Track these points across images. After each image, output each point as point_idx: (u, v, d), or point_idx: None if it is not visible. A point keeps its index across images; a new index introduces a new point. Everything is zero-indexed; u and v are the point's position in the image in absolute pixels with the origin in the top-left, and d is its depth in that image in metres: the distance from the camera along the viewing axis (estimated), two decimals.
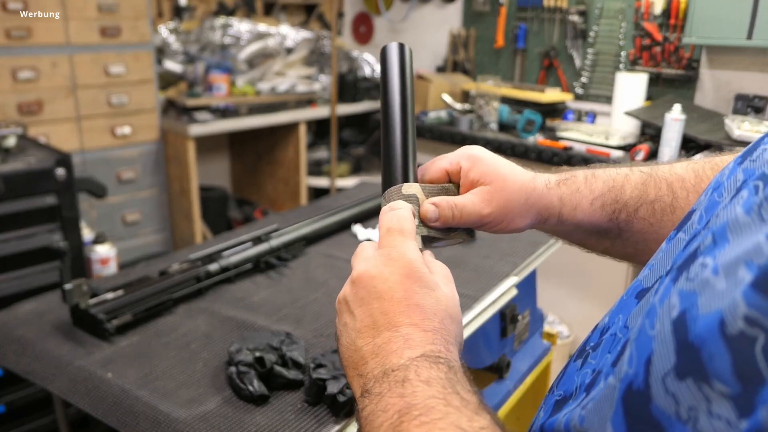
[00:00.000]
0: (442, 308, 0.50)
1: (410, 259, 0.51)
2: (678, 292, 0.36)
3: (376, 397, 0.44)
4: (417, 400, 0.41)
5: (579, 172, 0.62)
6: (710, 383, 0.31)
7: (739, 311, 0.30)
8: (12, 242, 1.71)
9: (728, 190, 0.42)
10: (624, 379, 0.38)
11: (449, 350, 0.47)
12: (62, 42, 2.40)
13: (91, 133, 2.56)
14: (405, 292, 0.49)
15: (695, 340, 0.33)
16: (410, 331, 0.47)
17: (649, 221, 0.60)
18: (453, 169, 0.60)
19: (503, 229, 0.60)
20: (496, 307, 1.20)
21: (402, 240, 0.53)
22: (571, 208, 0.60)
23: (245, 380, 0.86)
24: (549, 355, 1.65)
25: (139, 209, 2.78)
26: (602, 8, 2.76)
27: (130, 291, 1.09)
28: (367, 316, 0.49)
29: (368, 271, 0.51)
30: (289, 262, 1.31)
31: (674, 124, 2.23)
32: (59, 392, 0.92)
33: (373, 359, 0.47)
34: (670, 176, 0.61)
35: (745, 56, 2.40)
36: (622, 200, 0.60)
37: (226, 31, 3.01)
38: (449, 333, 0.49)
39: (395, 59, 0.60)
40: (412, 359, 0.45)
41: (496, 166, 0.59)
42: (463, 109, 2.88)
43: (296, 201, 3.30)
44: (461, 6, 3.29)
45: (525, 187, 0.59)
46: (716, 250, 0.36)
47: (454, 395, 0.42)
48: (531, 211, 0.59)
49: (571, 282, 2.57)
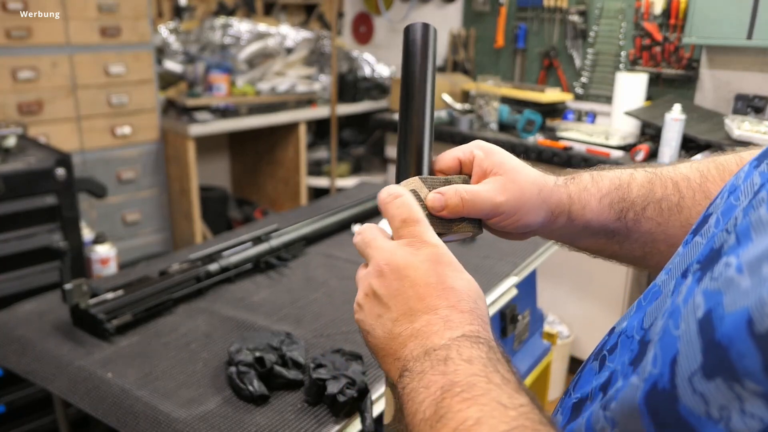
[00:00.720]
0: (474, 289, 0.50)
1: (435, 244, 0.51)
2: (702, 292, 0.36)
3: (418, 375, 0.44)
4: (459, 377, 0.42)
5: (585, 172, 0.62)
6: (741, 382, 0.31)
7: (766, 309, 0.30)
8: (12, 242, 1.71)
9: (745, 193, 0.42)
10: (648, 380, 0.38)
11: (486, 330, 0.48)
12: (62, 42, 2.40)
13: (91, 133, 2.56)
14: (438, 277, 0.49)
15: (722, 339, 0.32)
16: (449, 313, 0.48)
17: (656, 221, 0.60)
18: (466, 158, 0.60)
19: (515, 222, 0.59)
20: (496, 307, 1.20)
21: (421, 229, 0.52)
22: (580, 206, 0.60)
23: (245, 380, 0.86)
24: (549, 355, 1.65)
25: (139, 209, 2.78)
26: (602, 8, 2.76)
27: (130, 291, 1.09)
28: (402, 305, 0.49)
29: (395, 261, 0.51)
30: (289, 262, 1.31)
31: (674, 124, 2.23)
32: (59, 392, 0.92)
33: (413, 341, 0.47)
34: (676, 175, 0.61)
35: (745, 56, 2.40)
36: (630, 198, 0.60)
37: (226, 31, 3.01)
38: (483, 312, 0.49)
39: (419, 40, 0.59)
40: (453, 339, 0.46)
41: (510, 159, 0.59)
42: (463, 109, 2.88)
43: (296, 201, 3.30)
44: (461, 6, 3.29)
45: (537, 181, 0.59)
46: (740, 249, 0.36)
47: (495, 373, 0.42)
48: (543, 207, 0.59)
49: (571, 282, 2.57)
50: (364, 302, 0.52)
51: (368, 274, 0.52)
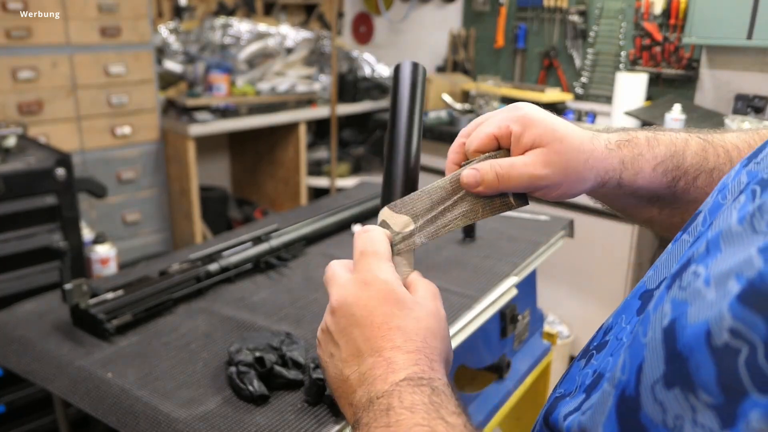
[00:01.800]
0: (423, 326, 0.49)
1: (384, 281, 0.50)
2: (671, 301, 0.36)
3: (365, 427, 0.44)
4: (402, 428, 0.41)
5: (641, 133, 0.57)
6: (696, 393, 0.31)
7: (724, 323, 0.30)
8: (12, 242, 1.71)
9: (732, 192, 0.41)
10: (618, 386, 0.38)
11: (433, 368, 0.47)
12: (62, 42, 2.40)
13: (91, 133, 2.56)
14: (384, 317, 0.49)
15: (683, 350, 0.33)
16: (392, 355, 0.47)
17: (705, 191, 0.57)
18: (502, 133, 0.54)
19: (564, 193, 0.55)
20: (496, 307, 1.20)
21: (376, 262, 0.51)
22: (632, 173, 0.55)
23: (245, 380, 0.86)
24: (549, 355, 1.65)
25: (139, 209, 2.78)
26: (602, 8, 2.76)
27: (130, 291, 1.09)
28: (350, 345, 0.49)
29: (346, 298, 0.50)
30: (289, 262, 1.31)
31: (674, 124, 2.23)
32: (59, 392, 0.92)
33: (360, 387, 0.47)
34: (726, 144, 0.58)
35: (745, 56, 2.40)
36: (683, 167, 0.56)
37: (226, 31, 3.01)
38: (433, 350, 0.48)
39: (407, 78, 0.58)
40: (395, 384, 0.45)
41: (552, 126, 0.53)
42: (463, 109, 2.88)
43: (296, 201, 3.30)
44: (461, 6, 3.29)
45: (584, 148, 0.53)
46: (709, 259, 0.36)
47: (438, 420, 0.41)
48: (590, 174, 0.54)
49: (571, 282, 2.57)
50: (321, 338, 0.52)
51: (326, 310, 0.52)
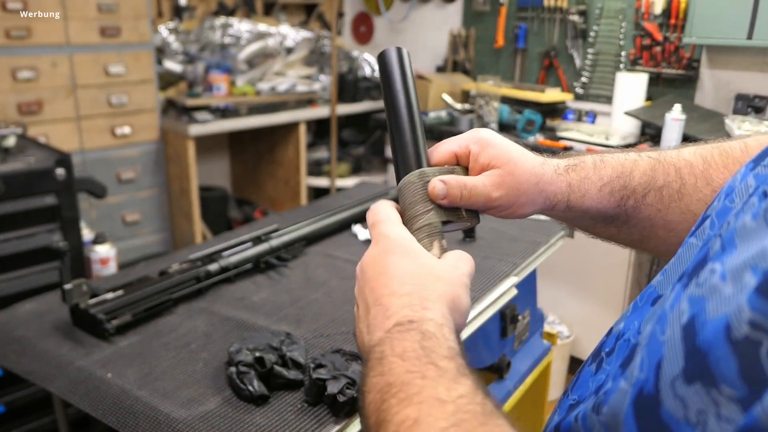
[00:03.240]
0: (425, 271, 0.50)
1: (389, 236, 0.52)
2: (688, 298, 0.37)
3: (365, 377, 0.45)
4: (394, 377, 0.42)
5: (588, 157, 0.61)
6: (718, 387, 0.31)
7: (743, 316, 0.31)
8: (12, 242, 1.71)
9: (740, 195, 0.42)
10: (636, 384, 0.38)
11: (425, 307, 0.47)
12: (62, 42, 2.40)
13: (91, 133, 2.55)
14: (384, 266, 0.50)
15: (702, 345, 0.33)
16: (388, 300, 0.48)
17: (656, 207, 0.59)
18: (462, 152, 0.59)
19: (511, 214, 0.59)
20: (496, 307, 1.20)
21: (382, 225, 0.53)
22: (579, 195, 0.59)
23: (245, 380, 0.86)
24: (549, 356, 1.65)
25: (139, 209, 2.77)
26: (602, 8, 2.76)
27: (130, 291, 1.09)
28: (362, 301, 0.51)
29: (361, 263, 0.53)
30: (289, 262, 1.31)
31: (674, 124, 2.23)
32: (59, 392, 0.92)
33: (367, 337, 0.48)
34: (679, 161, 0.60)
35: (745, 56, 2.40)
36: (631, 186, 0.59)
37: (226, 31, 3.01)
38: (431, 290, 0.48)
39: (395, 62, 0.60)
40: (387, 331, 0.45)
41: (507, 150, 0.58)
42: (463, 109, 2.88)
43: (296, 201, 3.29)
44: (461, 6, 3.29)
45: (535, 172, 0.58)
46: (724, 256, 0.36)
47: (429, 366, 0.41)
48: (540, 197, 0.58)
49: (571, 282, 2.57)
50: (355, 309, 0.54)
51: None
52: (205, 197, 3.03)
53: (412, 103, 0.59)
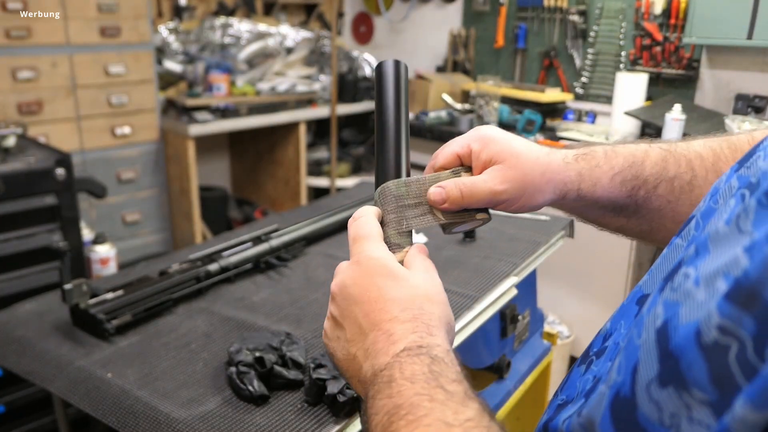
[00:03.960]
0: (419, 294, 0.50)
1: (375, 257, 0.51)
2: (663, 302, 0.37)
3: (371, 400, 0.44)
4: (403, 399, 0.42)
5: (598, 147, 0.61)
6: (690, 391, 0.32)
7: (713, 321, 0.31)
8: (12, 242, 1.71)
9: (723, 196, 0.42)
10: (613, 387, 0.39)
11: (432, 333, 0.47)
12: (62, 42, 2.40)
13: (91, 133, 2.55)
14: (378, 291, 0.50)
15: (675, 350, 0.33)
16: (390, 326, 0.47)
17: (667, 198, 0.59)
18: (464, 152, 0.59)
19: (523, 206, 0.58)
20: (496, 307, 1.19)
21: (366, 243, 0.53)
22: (590, 183, 0.58)
23: (245, 380, 0.86)
24: (549, 356, 1.65)
25: (139, 209, 2.77)
26: (602, 8, 2.76)
27: (130, 291, 1.09)
28: (353, 324, 0.50)
29: (343, 281, 0.52)
30: (289, 262, 1.31)
31: (674, 124, 2.23)
32: (59, 392, 0.92)
33: (366, 362, 0.48)
34: (689, 153, 0.59)
35: (745, 56, 2.40)
36: (642, 176, 0.59)
37: (226, 31, 3.01)
38: (431, 316, 0.49)
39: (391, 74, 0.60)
40: (395, 355, 0.45)
41: (509, 144, 0.57)
42: (463, 109, 2.88)
43: (296, 201, 3.29)
44: (461, 6, 3.29)
45: (540, 162, 0.57)
46: (698, 261, 0.36)
47: (437, 389, 0.42)
48: (548, 186, 0.57)
49: (571, 282, 2.57)
50: (327, 326, 0.54)
51: (329, 299, 0.54)
52: (205, 197, 3.03)
53: (401, 115, 0.60)
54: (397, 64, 0.61)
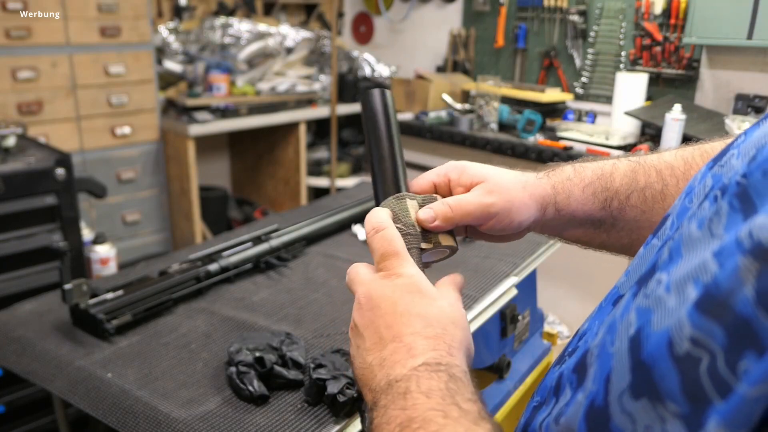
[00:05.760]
0: (445, 315, 0.50)
1: (410, 275, 0.52)
2: (636, 309, 0.37)
3: (382, 409, 0.44)
4: (417, 412, 0.41)
5: (566, 165, 0.63)
6: (663, 403, 0.31)
7: (684, 332, 0.31)
8: (12, 242, 1.71)
9: (698, 196, 0.42)
10: (588, 396, 0.38)
11: (452, 354, 0.47)
12: (62, 42, 2.40)
13: (91, 133, 2.55)
14: (407, 305, 0.50)
15: (647, 359, 0.33)
16: (412, 340, 0.47)
17: (641, 209, 0.60)
18: (441, 181, 0.60)
19: (512, 221, 0.58)
20: (496, 307, 1.20)
21: (399, 261, 0.53)
22: (564, 196, 0.60)
23: (245, 380, 0.86)
24: (549, 356, 1.65)
25: (139, 209, 2.77)
26: (602, 8, 2.76)
27: (130, 291, 1.09)
28: (374, 334, 0.50)
29: (371, 293, 0.51)
30: (289, 262, 1.31)
31: (674, 124, 2.23)
32: (59, 392, 0.92)
33: (380, 371, 0.48)
34: (659, 164, 0.61)
35: (745, 56, 2.40)
36: (613, 188, 0.60)
37: (226, 31, 3.01)
38: (453, 337, 0.49)
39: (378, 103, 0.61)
40: (414, 368, 0.45)
41: (486, 168, 0.60)
42: (463, 109, 2.88)
43: (296, 201, 3.29)
44: (461, 6, 3.29)
45: (519, 179, 0.59)
46: (671, 266, 0.36)
47: (452, 406, 0.42)
48: (531, 200, 0.59)
49: (571, 282, 2.57)
50: (350, 335, 0.53)
51: (353, 308, 0.53)
52: (205, 197, 3.03)
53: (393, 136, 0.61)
54: (383, 93, 0.62)
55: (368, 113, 0.62)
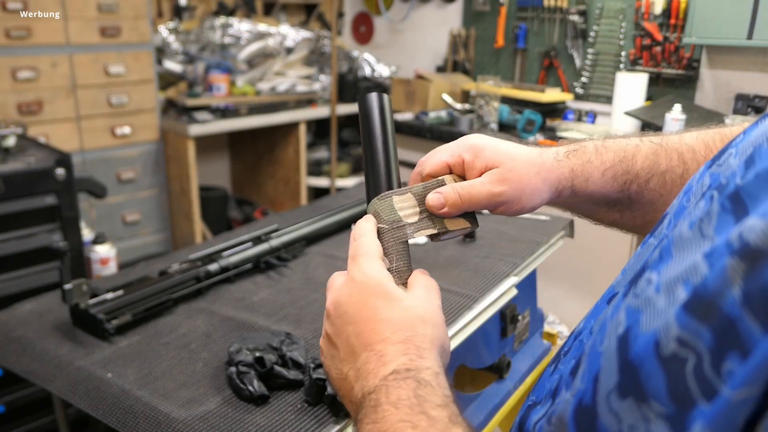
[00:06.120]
0: (412, 315, 0.49)
1: (371, 276, 0.51)
2: (625, 309, 0.37)
3: (359, 423, 0.44)
4: (386, 425, 0.41)
5: (589, 143, 0.61)
6: (648, 403, 0.31)
7: (671, 332, 0.31)
8: (12, 242, 1.71)
9: (695, 195, 0.41)
10: (576, 395, 0.38)
11: (422, 356, 0.46)
12: (62, 42, 2.40)
13: (91, 133, 2.55)
14: (372, 311, 0.49)
15: (634, 359, 0.33)
16: (382, 347, 0.47)
17: (659, 192, 0.59)
18: (455, 161, 0.58)
19: (523, 207, 0.57)
20: (496, 307, 1.19)
21: (365, 262, 0.52)
22: (583, 179, 0.58)
23: (245, 380, 0.86)
24: (549, 356, 1.65)
25: (139, 209, 2.77)
26: (602, 8, 2.76)
27: (129, 291, 1.09)
28: (345, 343, 0.49)
29: (338, 298, 0.51)
30: (289, 262, 1.31)
31: (674, 124, 2.23)
32: (59, 392, 0.92)
33: (357, 383, 0.47)
34: (681, 146, 0.59)
35: (745, 56, 2.40)
36: (634, 171, 0.59)
37: (226, 31, 3.01)
38: (423, 338, 0.48)
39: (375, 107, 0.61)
40: (384, 378, 0.45)
41: (502, 149, 0.58)
42: (463, 109, 2.88)
43: (296, 201, 3.29)
44: (461, 6, 3.29)
45: (534, 162, 0.57)
46: (661, 266, 0.36)
47: (420, 416, 0.41)
48: (545, 185, 0.57)
49: (571, 282, 2.57)
50: (322, 344, 0.53)
51: (324, 315, 0.53)
52: (205, 197, 3.03)
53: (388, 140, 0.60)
54: (380, 97, 0.61)
55: (363, 116, 0.61)
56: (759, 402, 0.27)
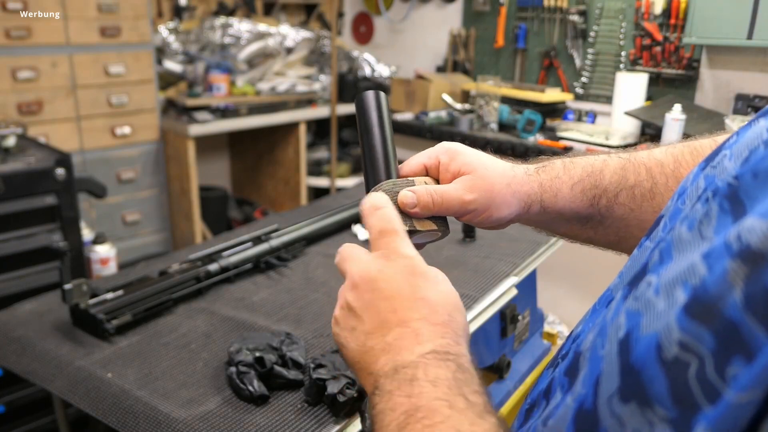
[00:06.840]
0: (449, 301, 0.49)
1: (410, 256, 0.50)
2: (626, 311, 0.36)
3: (387, 394, 0.44)
4: (423, 401, 0.41)
5: (557, 160, 0.62)
6: (652, 407, 0.31)
7: (673, 336, 0.31)
8: (12, 242, 1.71)
9: (690, 197, 0.41)
10: (577, 399, 0.38)
11: (459, 343, 0.47)
12: (62, 42, 2.40)
13: (90, 133, 2.55)
14: (411, 288, 0.48)
15: (636, 363, 0.33)
16: (420, 326, 0.46)
17: (629, 207, 0.60)
18: (431, 163, 0.60)
19: (489, 217, 0.58)
20: (496, 307, 1.20)
21: (398, 240, 0.51)
22: (551, 194, 0.60)
23: (245, 380, 0.86)
24: (549, 356, 1.65)
25: (139, 209, 2.77)
26: (602, 8, 2.76)
27: (129, 291, 1.09)
28: (375, 317, 0.48)
29: (369, 272, 0.50)
30: (289, 262, 1.31)
31: (674, 124, 2.23)
32: (59, 392, 0.92)
33: (384, 356, 0.46)
34: (649, 161, 0.60)
35: (745, 56, 2.40)
36: (602, 185, 0.60)
37: (226, 31, 3.01)
38: (458, 325, 0.48)
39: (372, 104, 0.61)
40: (422, 355, 0.44)
41: (477, 157, 0.59)
42: (463, 109, 2.88)
43: (296, 201, 3.29)
44: (461, 6, 3.29)
45: (506, 174, 0.59)
46: (661, 268, 0.36)
47: (459, 397, 0.41)
48: (514, 198, 0.59)
49: (571, 282, 2.57)
50: (340, 316, 0.51)
51: (344, 287, 0.52)
52: (205, 197, 3.03)
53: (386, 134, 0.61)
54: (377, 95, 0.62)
55: (360, 114, 0.62)
56: (761, 405, 0.27)
